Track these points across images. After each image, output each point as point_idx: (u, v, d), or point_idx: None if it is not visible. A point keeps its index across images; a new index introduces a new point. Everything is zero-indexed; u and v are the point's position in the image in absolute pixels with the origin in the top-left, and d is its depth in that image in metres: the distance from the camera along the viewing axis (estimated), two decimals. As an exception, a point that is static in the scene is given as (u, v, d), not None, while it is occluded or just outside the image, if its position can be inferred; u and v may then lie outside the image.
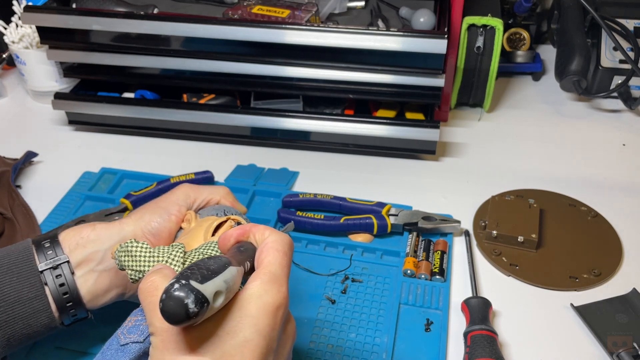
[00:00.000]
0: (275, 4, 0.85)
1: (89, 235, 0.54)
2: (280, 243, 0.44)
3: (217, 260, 0.39)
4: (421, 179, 0.83)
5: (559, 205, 0.77)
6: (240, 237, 0.46)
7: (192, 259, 0.48)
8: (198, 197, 0.60)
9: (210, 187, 0.62)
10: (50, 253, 0.52)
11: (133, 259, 0.48)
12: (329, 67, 0.80)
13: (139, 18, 0.80)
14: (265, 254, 0.43)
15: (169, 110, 0.87)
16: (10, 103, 1.02)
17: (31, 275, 0.51)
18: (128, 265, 0.48)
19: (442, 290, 0.65)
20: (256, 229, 0.46)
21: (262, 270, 0.42)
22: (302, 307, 0.64)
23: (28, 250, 0.52)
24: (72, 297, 0.52)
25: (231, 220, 0.55)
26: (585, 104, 0.99)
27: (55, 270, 0.52)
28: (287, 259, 0.44)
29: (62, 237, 0.54)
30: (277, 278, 0.42)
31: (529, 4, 0.97)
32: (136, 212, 0.57)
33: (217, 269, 0.38)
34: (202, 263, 0.38)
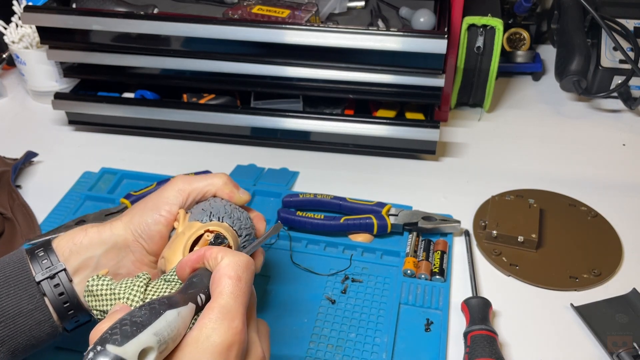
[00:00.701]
0: (275, 4, 0.85)
1: (82, 241, 0.52)
2: (232, 267, 0.40)
3: (151, 308, 0.36)
4: (421, 179, 0.83)
5: (559, 205, 0.77)
6: (195, 264, 0.42)
7: (155, 291, 0.45)
8: (192, 192, 0.55)
9: (206, 178, 0.57)
10: (45, 262, 0.51)
11: (96, 299, 0.46)
12: (329, 67, 0.80)
13: (139, 18, 0.80)
14: (216, 283, 0.39)
15: (169, 110, 0.87)
16: (10, 103, 1.02)
17: (29, 287, 0.50)
18: (92, 306, 0.46)
19: (442, 290, 0.65)
20: (209, 254, 0.42)
21: (210, 305, 0.38)
22: (302, 307, 0.64)
23: (23, 261, 0.51)
24: (72, 305, 0.51)
25: (208, 233, 0.50)
26: (585, 104, 0.99)
27: (53, 280, 0.50)
28: (243, 284, 0.40)
29: (56, 244, 0.52)
30: (229, 311, 0.38)
31: (529, 4, 0.97)
32: (127, 213, 0.55)
33: (145, 320, 0.35)
34: (130, 316, 0.35)
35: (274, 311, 0.63)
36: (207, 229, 0.50)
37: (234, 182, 0.57)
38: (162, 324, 0.35)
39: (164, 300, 0.37)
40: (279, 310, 0.63)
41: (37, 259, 0.51)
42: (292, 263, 0.69)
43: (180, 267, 0.44)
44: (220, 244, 0.49)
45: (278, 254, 0.70)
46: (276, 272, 0.68)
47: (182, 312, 0.37)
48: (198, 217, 0.53)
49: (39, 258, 0.51)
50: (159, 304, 0.37)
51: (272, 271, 0.68)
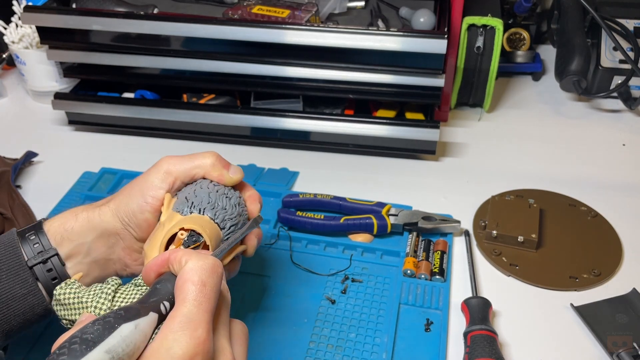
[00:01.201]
0: (275, 4, 0.85)
1: (73, 226, 0.51)
2: (196, 272, 0.38)
3: (105, 322, 0.34)
4: (421, 179, 0.83)
5: (559, 205, 0.77)
6: (160, 268, 0.40)
7: (124, 297, 0.43)
8: (179, 175, 0.52)
9: (194, 158, 0.53)
10: (37, 246, 0.50)
11: (64, 308, 0.44)
12: (329, 67, 0.80)
13: (139, 18, 0.80)
14: (179, 289, 0.37)
15: (169, 110, 0.87)
16: (10, 103, 1.02)
17: (21, 271, 0.49)
18: (61, 315, 0.45)
19: (442, 290, 0.65)
20: (174, 257, 0.40)
21: (173, 313, 0.36)
22: (302, 307, 0.64)
23: (14, 244, 0.50)
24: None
25: (183, 231, 0.47)
26: (585, 104, 0.99)
27: (45, 265, 0.50)
28: (208, 290, 0.37)
29: (47, 227, 0.51)
30: (191, 319, 0.36)
31: (529, 4, 0.97)
32: (114, 198, 0.53)
33: (97, 336, 0.33)
34: (80, 332, 0.33)
35: (274, 311, 0.63)
36: (182, 227, 0.47)
37: (224, 161, 0.54)
38: (116, 340, 0.34)
39: (121, 313, 0.35)
40: (279, 311, 0.63)
41: (28, 242, 0.50)
42: (292, 263, 0.69)
43: (145, 272, 0.41)
44: (195, 242, 0.47)
45: (278, 254, 0.70)
46: (276, 272, 0.68)
47: (140, 325, 0.36)
48: (180, 207, 0.50)
49: (30, 241, 0.50)
50: (114, 318, 0.35)
51: (272, 271, 0.68)
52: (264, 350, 0.59)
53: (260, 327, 0.62)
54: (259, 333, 0.61)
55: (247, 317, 0.62)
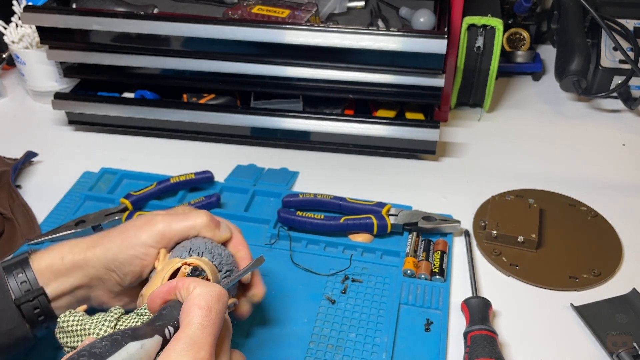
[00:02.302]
0: (275, 4, 0.85)
1: (59, 269, 0.52)
2: (204, 297, 0.39)
3: (113, 339, 0.35)
4: (421, 179, 0.83)
5: (559, 205, 0.77)
6: (167, 296, 0.42)
7: (126, 325, 0.44)
8: (173, 236, 0.54)
9: (187, 218, 0.54)
10: (24, 284, 0.51)
11: (67, 335, 0.45)
12: (329, 67, 0.80)
13: (139, 18, 0.80)
14: (186, 313, 0.39)
15: (169, 110, 0.87)
16: (10, 103, 1.02)
17: (8, 309, 0.50)
18: (64, 343, 0.45)
19: (442, 290, 0.65)
20: (182, 284, 0.41)
21: (178, 335, 0.38)
22: (302, 307, 0.64)
23: (1, 281, 0.51)
24: (46, 319, 0.52)
25: (186, 266, 0.49)
26: (585, 104, 0.99)
27: (32, 302, 0.51)
28: (214, 315, 0.39)
29: (35, 265, 0.52)
30: (195, 342, 0.37)
31: (529, 4, 0.97)
32: (103, 242, 0.53)
33: (105, 351, 0.34)
34: (89, 347, 0.34)
35: (274, 311, 0.63)
36: (185, 262, 0.49)
37: (216, 220, 0.56)
38: (122, 356, 0.35)
39: (128, 332, 0.36)
40: (279, 311, 0.63)
41: (15, 278, 0.51)
42: (292, 263, 0.69)
43: (151, 299, 0.42)
44: (198, 276, 0.48)
45: (278, 254, 0.70)
46: (276, 272, 0.68)
47: (146, 345, 0.36)
48: (178, 253, 0.53)
49: (17, 278, 0.51)
50: (121, 336, 0.36)
51: (272, 271, 0.68)
52: (264, 350, 0.59)
53: (260, 327, 0.62)
54: (259, 333, 0.61)
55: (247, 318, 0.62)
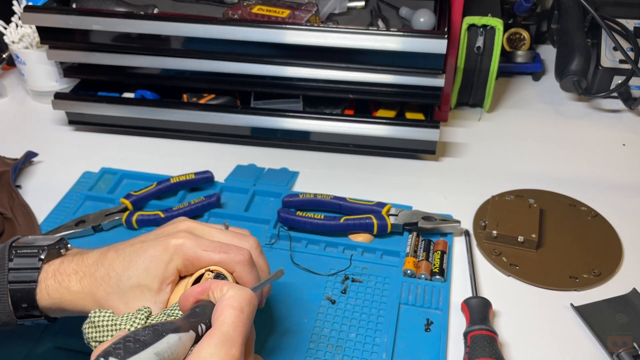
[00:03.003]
0: (275, 4, 0.85)
1: (62, 302, 0.49)
2: (237, 299, 0.41)
3: (154, 329, 0.37)
4: (421, 179, 0.83)
5: (559, 205, 0.77)
6: (199, 295, 0.43)
7: (156, 322, 0.44)
8: (200, 267, 0.50)
9: (220, 252, 0.49)
10: (25, 307, 0.49)
11: (96, 330, 0.46)
12: (329, 67, 0.80)
13: (139, 18, 0.80)
14: (219, 312, 0.41)
15: (169, 110, 0.87)
16: (10, 103, 1.02)
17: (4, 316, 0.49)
18: (92, 337, 0.46)
19: (442, 290, 0.65)
20: (215, 286, 0.43)
21: (211, 332, 0.40)
22: (302, 307, 0.64)
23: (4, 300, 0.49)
24: (29, 308, 0.50)
25: (209, 272, 0.49)
26: (585, 104, 0.99)
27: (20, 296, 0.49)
28: (245, 316, 0.41)
29: (39, 296, 0.49)
30: (228, 339, 0.39)
31: (529, 4, 0.97)
32: (112, 293, 0.49)
33: (148, 339, 0.36)
34: (133, 334, 0.36)
35: (274, 311, 0.63)
36: (208, 269, 0.49)
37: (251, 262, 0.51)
38: (164, 345, 0.37)
39: (167, 325, 0.39)
40: (279, 310, 0.63)
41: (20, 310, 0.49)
42: (292, 263, 0.69)
43: (183, 298, 0.44)
44: None
45: (278, 254, 0.70)
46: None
47: (183, 337, 0.39)
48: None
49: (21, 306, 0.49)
50: (162, 327, 0.38)
51: (272, 271, 0.68)
52: (264, 350, 0.59)
53: (260, 327, 0.62)
54: (258, 333, 0.61)
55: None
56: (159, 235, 0.51)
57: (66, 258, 0.51)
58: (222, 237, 0.52)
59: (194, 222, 0.53)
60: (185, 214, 0.74)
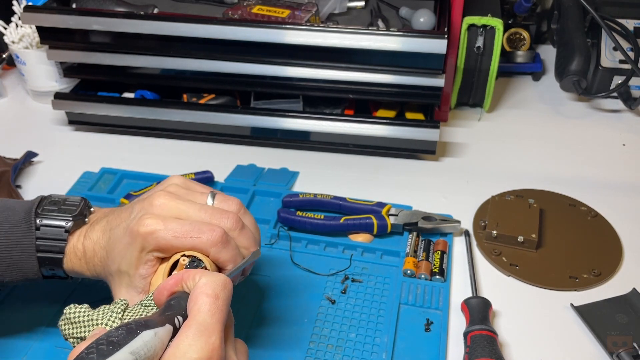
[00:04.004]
0: (275, 4, 0.85)
1: (83, 274, 0.54)
2: (210, 286, 0.40)
3: (128, 328, 0.37)
4: (421, 179, 0.83)
5: (559, 205, 0.77)
6: (173, 288, 0.43)
7: (132, 316, 0.45)
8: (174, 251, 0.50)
9: (191, 237, 0.48)
10: (51, 268, 0.53)
11: (73, 326, 0.45)
12: (329, 67, 0.80)
13: (139, 18, 0.80)
14: (194, 301, 0.40)
15: (169, 110, 0.87)
16: (10, 103, 1.02)
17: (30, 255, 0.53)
18: (69, 334, 0.46)
19: (442, 290, 0.65)
20: (187, 276, 0.42)
21: (188, 322, 0.39)
22: (302, 307, 0.64)
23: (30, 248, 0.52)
24: (53, 266, 0.54)
25: (184, 257, 0.49)
26: (585, 104, 0.99)
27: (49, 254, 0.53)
28: (221, 302, 0.40)
29: (66, 266, 0.53)
30: (205, 327, 0.38)
31: (529, 4, 0.97)
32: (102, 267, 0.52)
33: (122, 339, 0.35)
34: (106, 336, 0.36)
35: (274, 311, 0.63)
36: (183, 254, 0.49)
37: (226, 239, 0.50)
38: (139, 344, 0.36)
39: (141, 322, 0.38)
40: (279, 311, 0.63)
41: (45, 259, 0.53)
42: (292, 263, 0.69)
43: (158, 292, 0.43)
44: (197, 267, 0.48)
45: (278, 254, 0.70)
46: (276, 272, 0.68)
47: (159, 333, 0.38)
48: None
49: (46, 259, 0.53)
50: (135, 325, 0.37)
51: (272, 271, 0.68)
52: (264, 350, 0.59)
53: (260, 327, 0.62)
54: (258, 333, 0.61)
55: (247, 317, 0.62)
56: (137, 213, 0.50)
57: (81, 231, 0.54)
58: (200, 214, 0.50)
59: (172, 198, 0.51)
60: (185, 214, 0.74)
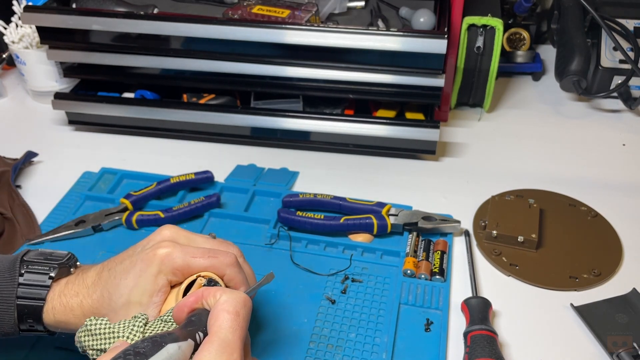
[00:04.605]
0: (275, 4, 0.85)
1: (67, 324, 0.50)
2: (231, 303, 0.41)
3: (153, 340, 0.38)
4: (421, 179, 0.83)
5: (559, 205, 0.77)
6: (193, 304, 0.43)
7: (153, 328, 0.45)
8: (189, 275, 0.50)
9: (209, 257, 0.49)
10: (30, 322, 0.50)
11: (93, 338, 0.46)
12: (329, 67, 0.80)
13: (139, 18, 0.80)
14: (215, 318, 0.40)
15: (169, 110, 0.87)
16: (10, 103, 1.02)
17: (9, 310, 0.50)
18: (88, 346, 0.46)
19: (442, 290, 0.65)
20: (208, 293, 0.43)
21: (210, 338, 0.39)
22: (302, 307, 0.64)
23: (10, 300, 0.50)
24: (34, 322, 0.51)
25: (201, 278, 0.49)
26: (585, 104, 0.99)
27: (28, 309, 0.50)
28: (241, 320, 0.41)
29: (45, 315, 0.50)
30: (227, 344, 0.39)
31: (529, 4, 0.97)
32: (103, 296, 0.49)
33: (148, 351, 0.36)
34: (133, 347, 0.36)
35: (274, 311, 0.63)
36: (200, 275, 0.49)
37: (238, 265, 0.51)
38: (164, 356, 0.37)
39: (166, 335, 0.39)
40: (279, 310, 0.63)
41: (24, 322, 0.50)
42: (292, 263, 0.69)
43: (178, 309, 0.44)
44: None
45: (278, 254, 0.70)
46: (276, 272, 0.67)
47: (182, 346, 0.39)
48: None
49: (25, 319, 0.50)
50: (160, 338, 0.38)
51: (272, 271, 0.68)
52: (264, 350, 0.59)
53: (260, 327, 0.62)
54: (258, 333, 0.61)
55: (247, 317, 0.62)
56: (145, 246, 0.51)
57: (70, 278, 0.52)
58: (206, 243, 0.53)
59: (177, 230, 0.53)
60: (185, 214, 0.74)
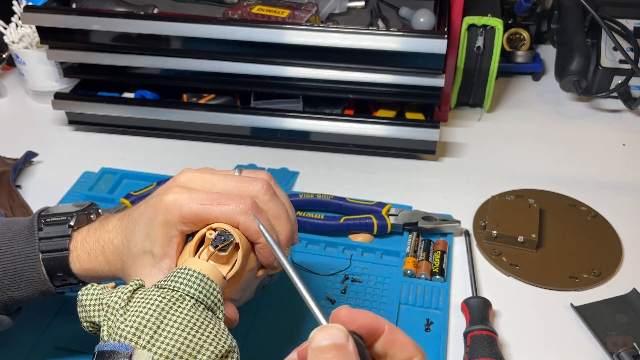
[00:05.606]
0: (275, 4, 0.85)
1: (94, 271, 0.50)
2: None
3: None
4: (421, 179, 0.83)
5: (559, 205, 0.77)
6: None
7: (142, 298, 0.42)
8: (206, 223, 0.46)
9: (218, 205, 0.45)
10: (61, 275, 0.50)
11: (84, 309, 0.44)
12: (329, 67, 0.80)
13: (139, 18, 0.80)
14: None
15: (169, 110, 0.87)
16: (10, 103, 1.02)
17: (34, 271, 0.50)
18: (83, 317, 0.44)
19: (442, 290, 0.65)
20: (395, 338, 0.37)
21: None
22: (302, 307, 0.64)
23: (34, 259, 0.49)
24: (65, 276, 0.50)
25: (211, 232, 0.44)
26: (585, 104, 0.99)
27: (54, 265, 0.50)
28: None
29: (72, 264, 0.50)
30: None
31: (529, 4, 0.97)
32: (126, 237, 0.48)
33: None
34: None
35: (274, 311, 0.63)
36: (210, 227, 0.45)
37: (257, 209, 0.46)
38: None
39: None
40: (279, 310, 0.63)
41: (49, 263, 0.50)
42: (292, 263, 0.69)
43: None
44: (224, 241, 0.45)
45: (278, 254, 0.70)
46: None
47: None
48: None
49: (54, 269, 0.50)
50: None
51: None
52: (264, 351, 0.59)
53: (260, 327, 0.62)
54: (259, 333, 0.61)
55: (247, 317, 0.62)
56: (159, 192, 0.47)
57: (93, 225, 0.51)
58: (225, 184, 0.47)
59: (196, 172, 0.48)
60: (185, 214, 0.74)
